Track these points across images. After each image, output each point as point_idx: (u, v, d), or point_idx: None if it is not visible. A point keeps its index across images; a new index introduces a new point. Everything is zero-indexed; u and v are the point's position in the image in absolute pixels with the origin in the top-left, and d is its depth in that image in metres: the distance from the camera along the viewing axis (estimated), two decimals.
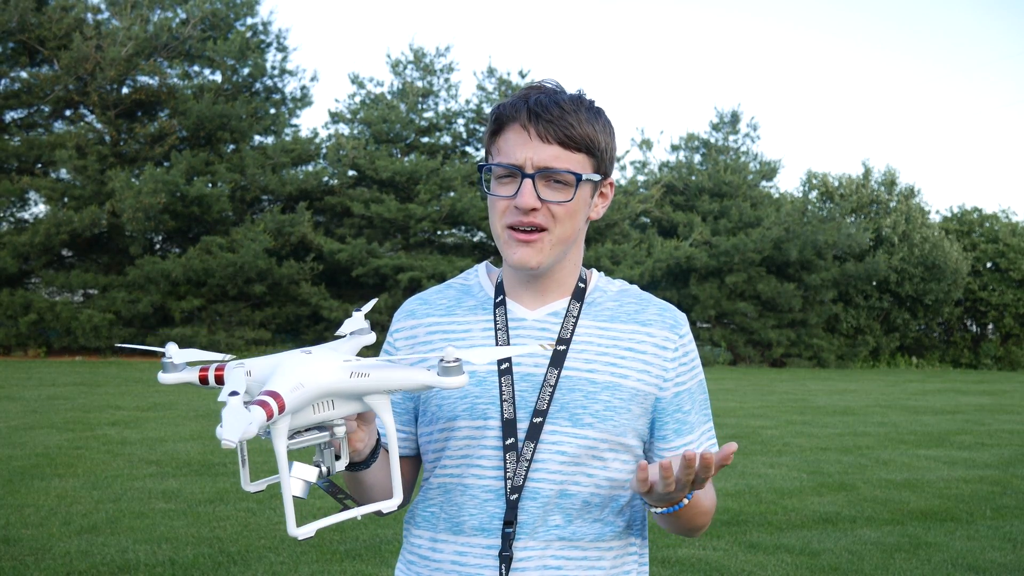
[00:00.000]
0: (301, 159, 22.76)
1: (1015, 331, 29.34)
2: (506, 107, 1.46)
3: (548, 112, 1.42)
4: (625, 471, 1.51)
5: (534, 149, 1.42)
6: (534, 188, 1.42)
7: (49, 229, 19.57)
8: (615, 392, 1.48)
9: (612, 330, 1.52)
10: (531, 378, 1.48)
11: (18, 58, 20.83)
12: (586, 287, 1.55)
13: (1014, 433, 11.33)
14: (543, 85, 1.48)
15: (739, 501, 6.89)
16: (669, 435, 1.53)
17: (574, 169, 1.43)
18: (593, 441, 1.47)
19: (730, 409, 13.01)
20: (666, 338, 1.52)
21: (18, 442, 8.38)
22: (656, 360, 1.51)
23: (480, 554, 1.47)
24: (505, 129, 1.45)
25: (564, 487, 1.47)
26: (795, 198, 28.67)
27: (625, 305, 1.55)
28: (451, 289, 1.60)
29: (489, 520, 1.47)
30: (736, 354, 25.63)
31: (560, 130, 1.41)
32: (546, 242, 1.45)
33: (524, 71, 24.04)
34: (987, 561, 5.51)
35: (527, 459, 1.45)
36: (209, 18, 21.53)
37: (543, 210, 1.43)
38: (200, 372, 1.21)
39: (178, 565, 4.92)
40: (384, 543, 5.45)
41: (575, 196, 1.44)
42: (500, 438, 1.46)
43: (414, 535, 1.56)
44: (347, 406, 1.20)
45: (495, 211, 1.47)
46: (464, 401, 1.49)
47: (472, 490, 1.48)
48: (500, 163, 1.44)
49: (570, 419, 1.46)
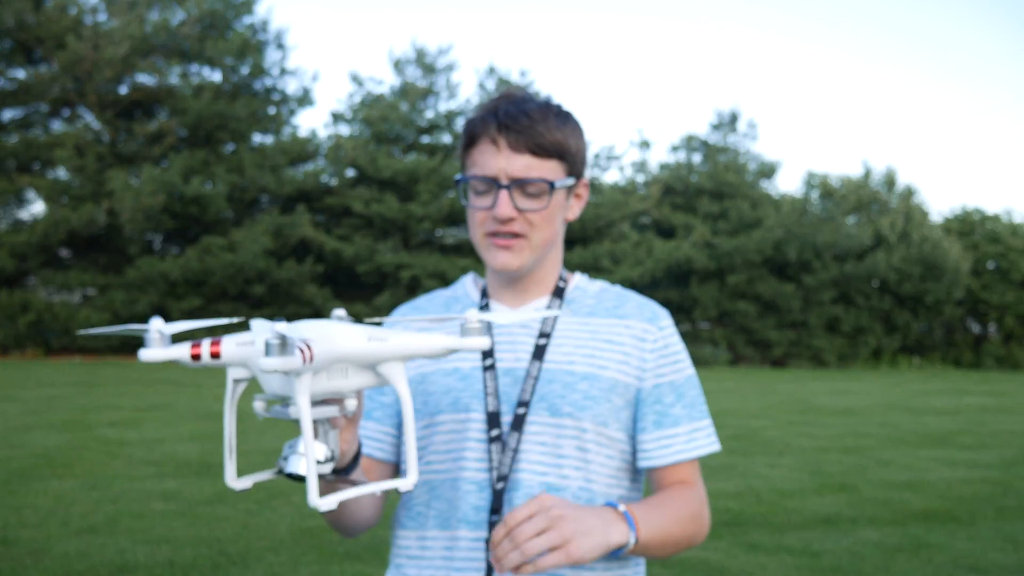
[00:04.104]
0: (300, 159, 22.76)
1: (1017, 331, 29.34)
2: (476, 121, 1.50)
3: (517, 123, 1.45)
4: (611, 466, 1.52)
5: (507, 160, 1.46)
6: (510, 198, 1.46)
7: (47, 229, 19.57)
8: (593, 382, 1.50)
9: (591, 324, 1.55)
10: (513, 373, 1.50)
11: (15, 57, 20.82)
12: (566, 286, 1.60)
13: (1016, 434, 11.31)
14: (511, 94, 1.52)
15: (740, 502, 6.87)
16: (648, 427, 1.54)
17: (547, 177, 1.47)
18: (573, 431, 1.48)
19: (731, 409, 13.00)
20: (645, 330, 1.54)
21: (16, 443, 8.36)
22: (635, 351, 1.53)
23: (468, 546, 1.47)
24: (477, 142, 1.49)
25: (549, 479, 1.47)
26: (795, 198, 28.68)
27: (604, 301, 1.58)
28: (439, 297, 1.65)
29: (475, 512, 1.47)
30: (736, 354, 25.63)
31: (530, 139, 1.45)
32: (525, 247, 1.49)
33: (524, 71, 24.07)
34: (989, 562, 5.49)
35: (512, 448, 1.47)
36: (207, 17, 21.52)
37: (520, 218, 1.47)
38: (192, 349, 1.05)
39: (177, 566, 4.90)
40: (384, 544, 5.43)
41: (550, 203, 1.48)
42: (484, 431, 1.48)
43: (401, 536, 1.56)
44: (361, 377, 1.11)
45: (474, 221, 1.52)
46: (448, 396, 1.51)
47: (459, 483, 1.49)
48: (475, 175, 1.48)
49: (548, 409, 1.48)
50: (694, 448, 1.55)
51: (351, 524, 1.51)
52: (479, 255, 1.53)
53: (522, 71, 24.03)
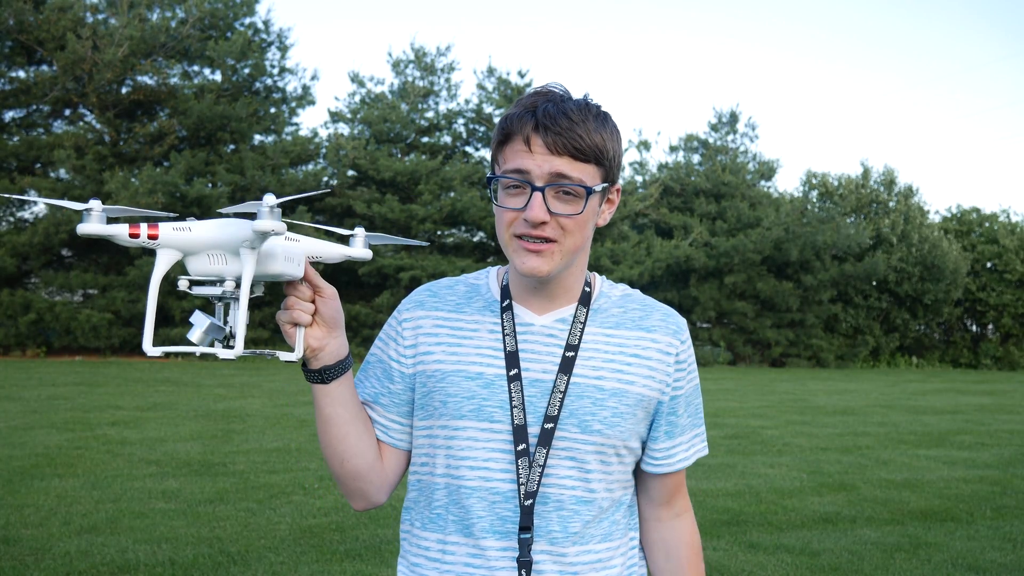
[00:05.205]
0: (301, 159, 22.75)
1: (1014, 331, 29.37)
2: (513, 118, 1.44)
3: (557, 123, 1.39)
4: (628, 472, 1.56)
5: (543, 161, 1.40)
6: (544, 201, 1.40)
7: (48, 229, 19.57)
8: (622, 399, 1.50)
9: (618, 336, 1.53)
10: (540, 384, 1.49)
11: (16, 58, 20.82)
12: (592, 292, 1.56)
13: (1014, 433, 11.33)
14: (550, 91, 1.46)
15: (739, 501, 6.89)
16: (660, 436, 1.56)
17: (584, 181, 1.41)
18: (600, 447, 1.49)
19: (730, 409, 13.01)
20: (669, 343, 1.54)
21: (18, 442, 8.38)
22: (660, 366, 1.53)
23: (495, 557, 1.47)
24: (513, 140, 1.43)
25: (577, 493, 1.49)
26: (795, 198, 28.68)
27: (629, 311, 1.56)
28: (461, 285, 1.61)
29: (501, 523, 1.47)
30: (736, 354, 25.64)
31: (569, 142, 1.39)
32: (556, 252, 1.43)
33: (524, 71, 24.07)
34: (987, 561, 5.51)
35: (540, 464, 1.46)
36: (208, 17, 21.52)
37: (552, 223, 1.42)
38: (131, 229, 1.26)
39: (178, 565, 4.92)
40: (384, 543, 5.45)
41: (585, 208, 1.42)
42: (510, 442, 1.47)
43: (420, 536, 1.55)
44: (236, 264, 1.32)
45: (502, 220, 1.45)
46: (471, 402, 1.49)
47: (480, 492, 1.48)
48: (508, 175, 1.42)
49: (579, 426, 1.47)
50: (693, 455, 1.61)
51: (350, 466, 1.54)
52: (505, 255, 1.48)
53: (522, 71, 24.03)
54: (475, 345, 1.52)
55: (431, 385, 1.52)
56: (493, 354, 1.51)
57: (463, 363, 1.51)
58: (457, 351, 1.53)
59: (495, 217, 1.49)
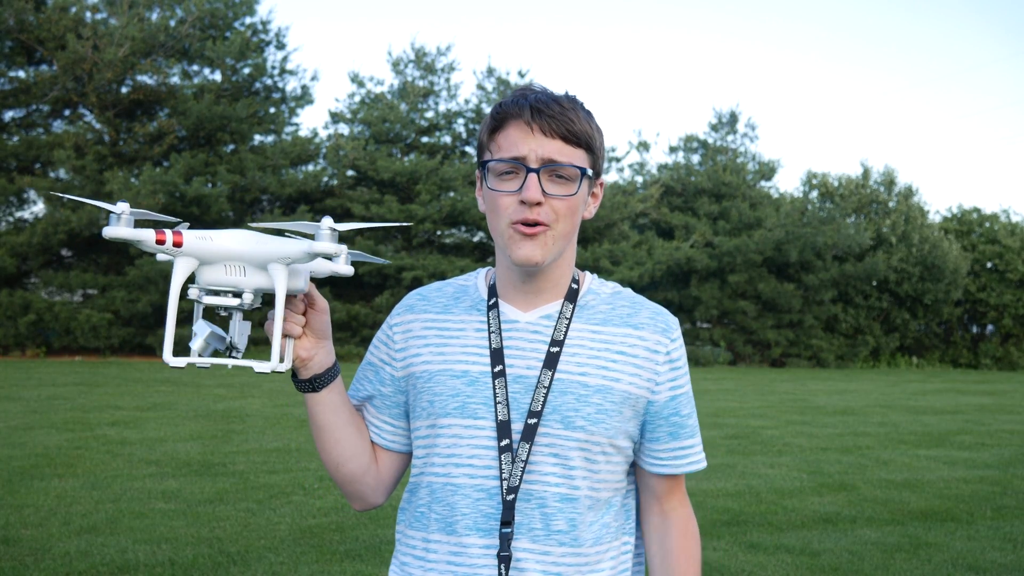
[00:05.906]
0: (300, 159, 22.75)
1: (1014, 331, 29.36)
2: (507, 104, 1.48)
3: (550, 108, 1.45)
4: (617, 472, 1.54)
5: (538, 143, 1.44)
6: (539, 182, 1.44)
7: (47, 229, 19.56)
8: (606, 395, 1.49)
9: (604, 333, 1.53)
10: (524, 380, 1.49)
11: (16, 58, 20.82)
12: (579, 288, 1.57)
13: (1014, 433, 11.33)
14: (535, 87, 1.52)
15: (739, 501, 6.89)
16: (663, 437, 1.55)
17: (577, 163, 1.46)
18: (584, 443, 1.48)
19: (730, 409, 13.01)
20: (658, 342, 1.53)
21: (17, 442, 8.38)
22: (647, 364, 1.52)
23: (477, 554, 1.47)
24: (506, 126, 1.46)
25: (560, 490, 1.48)
26: (795, 198, 28.69)
27: (618, 308, 1.56)
28: (449, 287, 1.63)
29: (484, 520, 1.47)
30: (736, 354, 25.64)
31: (562, 125, 1.44)
32: (549, 237, 1.46)
33: (524, 71, 24.07)
34: (987, 561, 5.50)
35: (523, 460, 1.46)
36: (207, 17, 21.51)
37: (546, 206, 1.45)
38: (158, 235, 1.28)
39: (177, 565, 4.91)
40: (384, 543, 5.45)
41: (577, 191, 1.46)
42: (493, 439, 1.48)
43: (408, 535, 1.57)
44: (257, 277, 1.34)
45: (497, 208, 1.47)
46: (455, 400, 1.50)
47: (463, 489, 1.49)
48: (504, 158, 1.46)
49: (562, 421, 1.47)
50: (701, 460, 1.61)
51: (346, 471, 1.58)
52: (500, 248, 1.50)
53: (522, 71, 24.03)
54: (461, 344, 1.53)
55: (420, 386, 1.54)
56: (479, 352, 1.51)
57: (449, 362, 1.52)
58: (444, 351, 1.54)
59: (487, 206, 1.50)
